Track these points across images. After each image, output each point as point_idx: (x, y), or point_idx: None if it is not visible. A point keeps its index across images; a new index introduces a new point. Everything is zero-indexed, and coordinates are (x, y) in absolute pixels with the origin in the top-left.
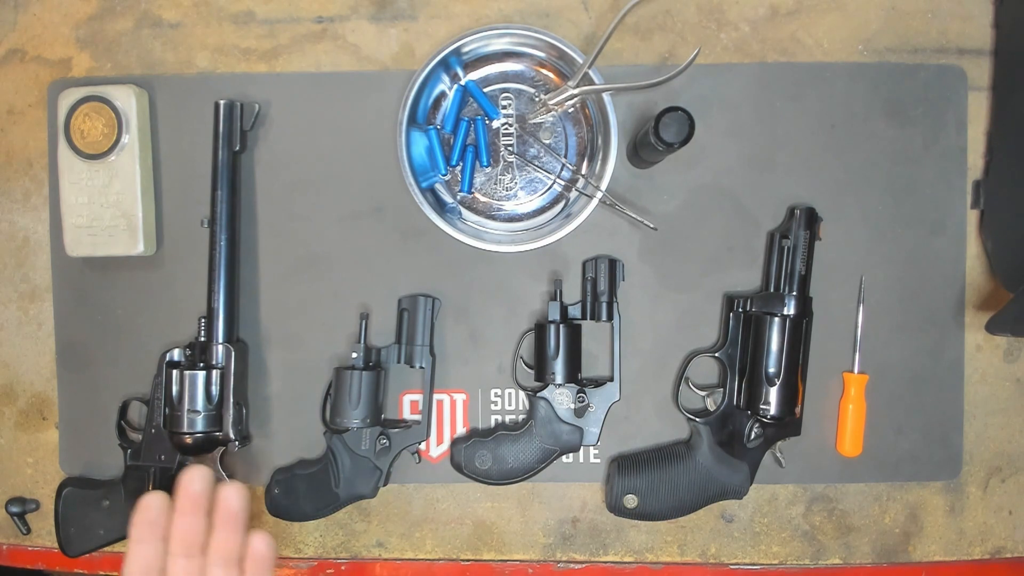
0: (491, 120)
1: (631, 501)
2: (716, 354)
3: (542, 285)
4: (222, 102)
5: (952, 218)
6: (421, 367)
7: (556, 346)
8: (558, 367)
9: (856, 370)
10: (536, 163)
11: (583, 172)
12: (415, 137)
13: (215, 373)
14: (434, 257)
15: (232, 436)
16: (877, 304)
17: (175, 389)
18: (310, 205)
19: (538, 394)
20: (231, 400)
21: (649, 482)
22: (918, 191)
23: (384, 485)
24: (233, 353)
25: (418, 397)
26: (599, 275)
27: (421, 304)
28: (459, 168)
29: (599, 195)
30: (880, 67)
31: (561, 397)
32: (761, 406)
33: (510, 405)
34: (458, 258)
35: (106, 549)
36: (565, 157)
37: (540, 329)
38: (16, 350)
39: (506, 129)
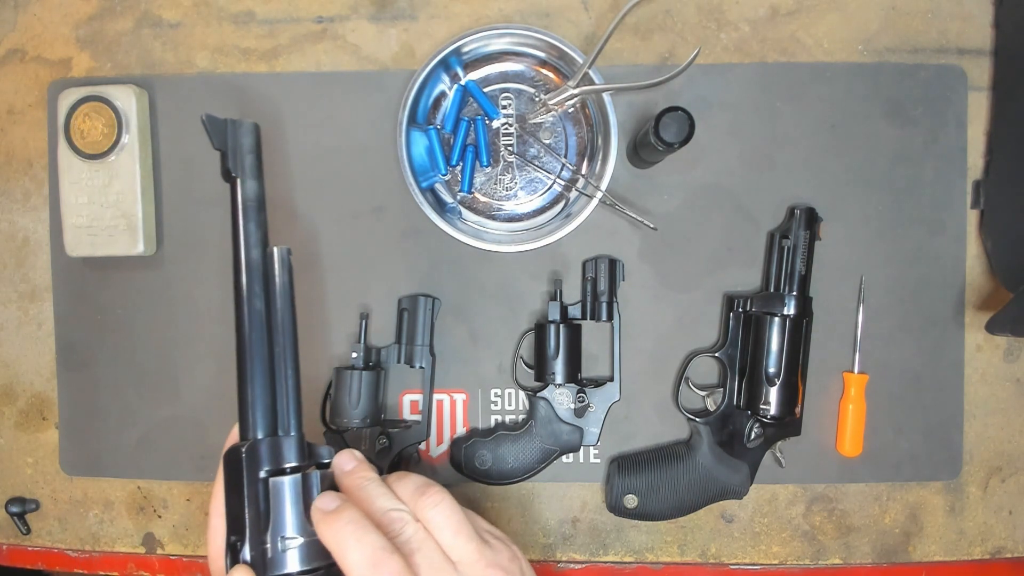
0: (491, 120)
1: (631, 501)
2: (716, 354)
3: (542, 285)
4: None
5: (952, 218)
6: (421, 367)
7: (556, 346)
8: (558, 367)
9: (856, 370)
10: (536, 163)
11: (583, 172)
12: (415, 137)
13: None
14: (434, 257)
15: None
16: (877, 304)
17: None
18: (310, 205)
19: (538, 394)
20: None
21: (649, 482)
22: (918, 191)
23: None
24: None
25: (418, 397)
26: (599, 275)
27: (421, 304)
28: (459, 168)
29: (599, 195)
30: (880, 67)
31: (561, 397)
32: (761, 406)
33: (510, 405)
34: (458, 258)
35: (106, 549)
36: (565, 157)
37: (540, 329)
38: (16, 350)
39: (506, 129)
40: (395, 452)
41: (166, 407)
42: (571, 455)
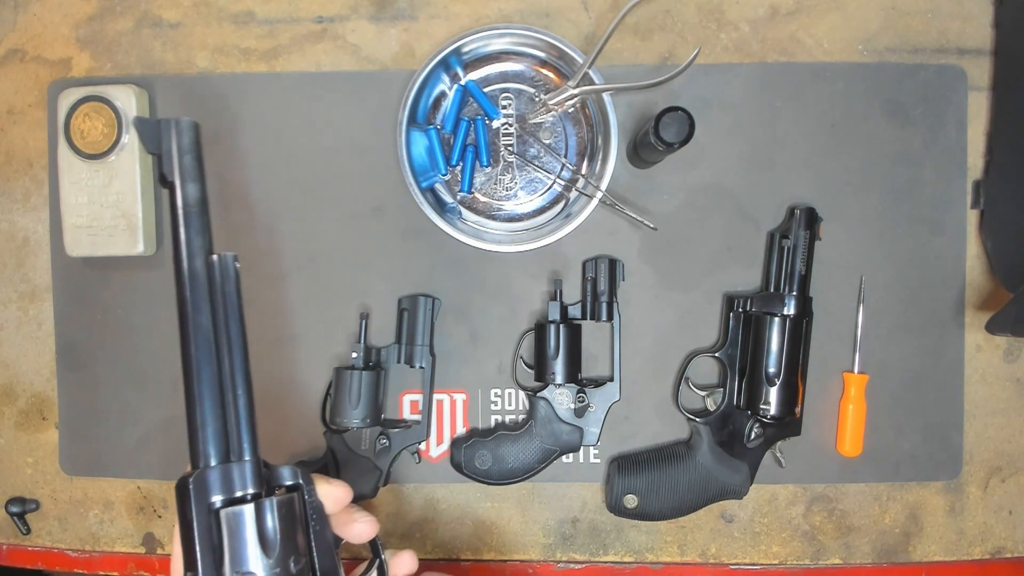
0: (491, 120)
1: (631, 501)
2: (716, 354)
3: (542, 285)
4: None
5: (952, 218)
6: (421, 367)
7: (556, 346)
8: (558, 367)
9: (856, 370)
10: (536, 163)
11: (583, 172)
12: (415, 137)
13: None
14: (434, 257)
15: None
16: (877, 304)
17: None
18: (310, 205)
19: (538, 394)
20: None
21: (649, 482)
22: (918, 191)
23: (384, 485)
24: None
25: (418, 397)
26: (599, 275)
27: (421, 304)
28: (459, 168)
29: (599, 195)
30: (880, 67)
31: (561, 397)
32: (761, 406)
33: (510, 405)
34: (458, 258)
35: (106, 549)
36: (565, 157)
37: (540, 329)
38: (16, 350)
39: (506, 129)
40: (395, 452)
41: (166, 407)
42: (571, 455)
